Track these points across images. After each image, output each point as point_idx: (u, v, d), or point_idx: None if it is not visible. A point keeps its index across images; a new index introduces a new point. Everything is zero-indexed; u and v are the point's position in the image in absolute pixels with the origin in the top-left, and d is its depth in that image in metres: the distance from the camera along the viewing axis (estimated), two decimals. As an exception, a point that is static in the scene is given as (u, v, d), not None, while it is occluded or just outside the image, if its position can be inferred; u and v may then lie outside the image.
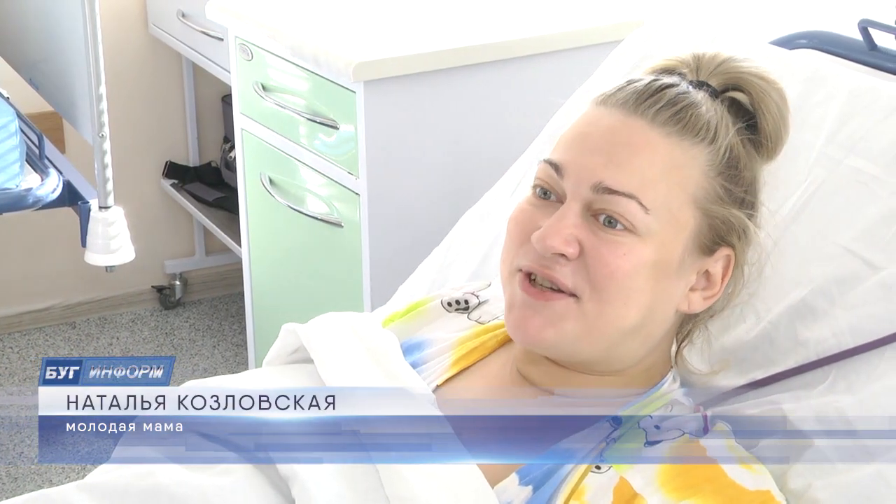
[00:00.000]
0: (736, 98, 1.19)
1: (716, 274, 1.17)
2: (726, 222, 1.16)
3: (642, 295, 1.13)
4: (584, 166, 1.13)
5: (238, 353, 3.19)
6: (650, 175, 1.12)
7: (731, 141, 1.16)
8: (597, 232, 1.12)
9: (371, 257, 2.24)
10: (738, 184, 1.17)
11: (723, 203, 1.15)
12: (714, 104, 1.17)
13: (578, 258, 1.12)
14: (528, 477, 1.11)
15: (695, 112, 1.15)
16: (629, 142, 1.13)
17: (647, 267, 1.12)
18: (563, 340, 1.14)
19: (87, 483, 1.11)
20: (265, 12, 2.43)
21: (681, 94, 1.16)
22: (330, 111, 2.25)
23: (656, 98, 1.15)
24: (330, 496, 1.08)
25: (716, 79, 1.19)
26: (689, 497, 1.06)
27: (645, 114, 1.14)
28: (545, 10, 2.42)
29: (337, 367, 1.21)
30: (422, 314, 1.36)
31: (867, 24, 1.60)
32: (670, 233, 1.13)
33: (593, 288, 1.12)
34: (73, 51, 2.28)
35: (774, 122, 1.19)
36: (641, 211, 1.12)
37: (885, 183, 1.29)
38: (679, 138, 1.14)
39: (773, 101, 1.19)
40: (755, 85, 1.19)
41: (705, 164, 1.15)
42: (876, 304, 1.23)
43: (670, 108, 1.14)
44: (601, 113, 1.16)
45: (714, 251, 1.16)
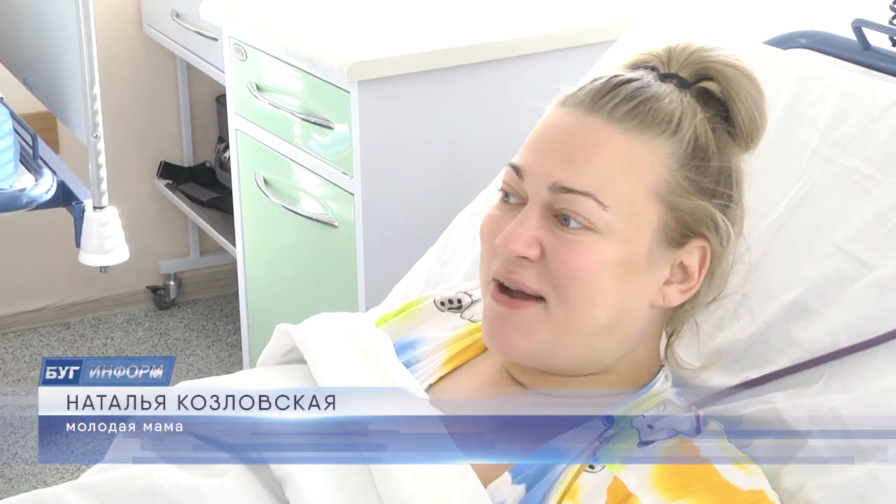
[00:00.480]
0: (706, 87, 1.18)
1: (692, 266, 1.16)
2: (693, 214, 1.15)
3: (608, 293, 1.13)
4: (541, 167, 1.14)
5: (233, 353, 3.19)
6: (607, 172, 1.12)
7: (698, 131, 1.15)
8: (557, 233, 1.12)
9: (365, 257, 2.24)
10: (706, 174, 1.15)
11: (688, 195, 1.14)
12: (681, 95, 1.16)
13: (541, 260, 1.13)
14: (521, 476, 1.11)
15: (654, 105, 1.14)
16: (585, 140, 1.13)
17: (610, 264, 1.12)
18: (537, 349, 1.14)
19: (80, 483, 1.11)
20: (259, 12, 2.43)
21: (640, 89, 1.15)
22: (324, 111, 2.25)
23: (613, 94, 1.14)
24: (323, 497, 1.08)
25: (686, 69, 1.18)
26: (682, 497, 1.06)
27: (601, 111, 1.14)
28: (539, 9, 2.42)
29: (330, 367, 1.21)
30: (414, 314, 1.36)
31: (861, 24, 1.60)
32: (633, 229, 1.13)
33: (558, 290, 1.12)
34: (67, 51, 2.28)
35: (747, 111, 1.18)
36: (599, 208, 1.11)
37: (878, 182, 1.29)
38: (638, 133, 1.13)
39: (745, 88, 1.18)
40: (725, 73, 1.18)
41: (667, 157, 1.14)
42: (870, 303, 1.23)
43: (627, 104, 1.14)
44: (561, 113, 1.17)
45: (684, 243, 1.15)
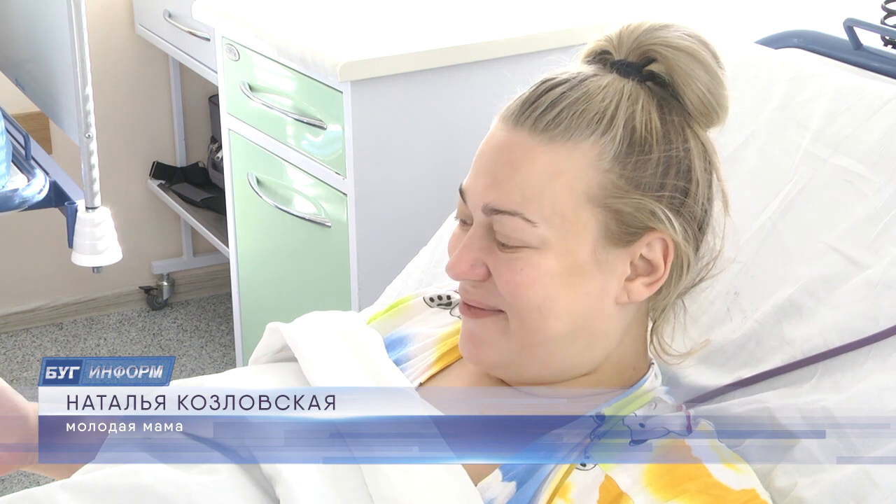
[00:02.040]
0: (653, 70, 1.14)
1: (655, 259, 1.14)
2: (636, 211, 1.12)
3: (557, 303, 1.12)
4: (475, 190, 1.14)
5: (226, 353, 3.19)
6: (532, 187, 1.11)
7: (635, 122, 1.11)
8: (497, 253, 1.13)
9: (358, 257, 2.24)
10: (646, 167, 1.12)
11: (625, 193, 1.11)
12: (622, 83, 1.13)
13: (489, 279, 1.13)
14: (512, 473, 1.11)
15: (581, 108, 1.11)
16: (510, 158, 1.12)
17: (552, 276, 1.11)
18: (504, 357, 1.15)
19: (71, 482, 1.11)
20: (252, 12, 2.43)
21: (565, 93, 1.12)
22: (317, 111, 2.25)
23: (537, 105, 1.12)
24: (314, 495, 1.08)
25: (633, 53, 1.15)
26: (675, 497, 1.06)
27: (525, 124, 1.12)
28: (532, 9, 2.42)
29: (321, 364, 1.21)
30: (404, 310, 1.36)
31: (852, 24, 1.60)
32: (569, 238, 1.11)
33: (507, 306, 1.13)
34: (60, 51, 2.28)
35: (695, 92, 1.13)
36: (528, 225, 1.11)
37: (870, 182, 1.30)
38: (563, 140, 1.11)
39: (690, 69, 1.13)
40: (667, 55, 1.13)
41: (597, 159, 1.11)
42: (862, 302, 1.23)
43: (550, 112, 1.12)
44: (495, 129, 1.16)
45: (634, 241, 1.13)
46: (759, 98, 1.43)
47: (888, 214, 1.26)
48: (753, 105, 1.43)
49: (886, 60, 1.59)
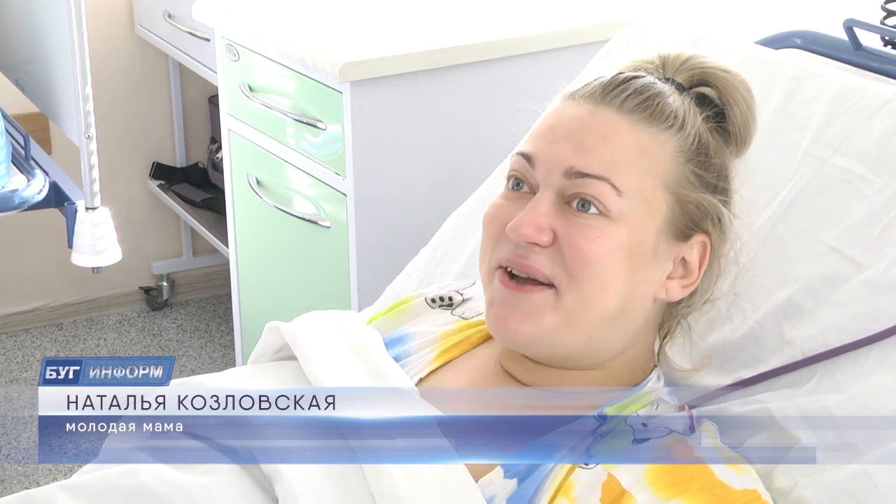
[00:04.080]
0: (703, 92, 1.21)
1: (692, 262, 1.18)
2: (699, 207, 1.17)
3: (618, 280, 1.13)
4: (554, 154, 1.15)
5: (226, 353, 3.19)
6: (620, 159, 1.14)
7: (700, 129, 1.18)
8: (570, 218, 1.13)
9: (358, 257, 2.24)
10: (709, 170, 1.18)
11: (694, 188, 1.16)
12: (681, 97, 1.19)
13: (553, 246, 1.13)
14: (514, 470, 1.11)
15: (662, 101, 1.17)
16: (597, 129, 1.15)
17: (621, 250, 1.13)
18: (543, 334, 1.14)
19: (70, 483, 1.11)
20: (251, 13, 2.43)
21: (648, 85, 1.18)
22: (316, 111, 2.25)
23: (623, 87, 1.17)
24: (313, 494, 1.08)
25: (682, 75, 1.21)
26: (677, 496, 1.06)
27: (612, 102, 1.16)
28: (531, 10, 2.42)
29: (320, 362, 1.21)
30: (405, 310, 1.36)
31: (852, 24, 1.60)
32: (643, 216, 1.14)
33: (570, 275, 1.13)
34: (60, 51, 2.28)
35: (742, 114, 1.21)
36: (614, 193, 1.13)
37: (870, 182, 1.30)
38: (647, 125, 1.15)
39: (740, 93, 1.21)
40: (721, 78, 1.21)
41: (675, 151, 1.16)
42: (862, 302, 1.23)
43: (637, 97, 1.16)
44: (569, 105, 1.19)
45: (689, 237, 1.17)
46: (758, 98, 1.42)
47: (888, 215, 1.26)
48: (753, 105, 1.43)
49: (886, 61, 1.59)
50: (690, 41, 1.54)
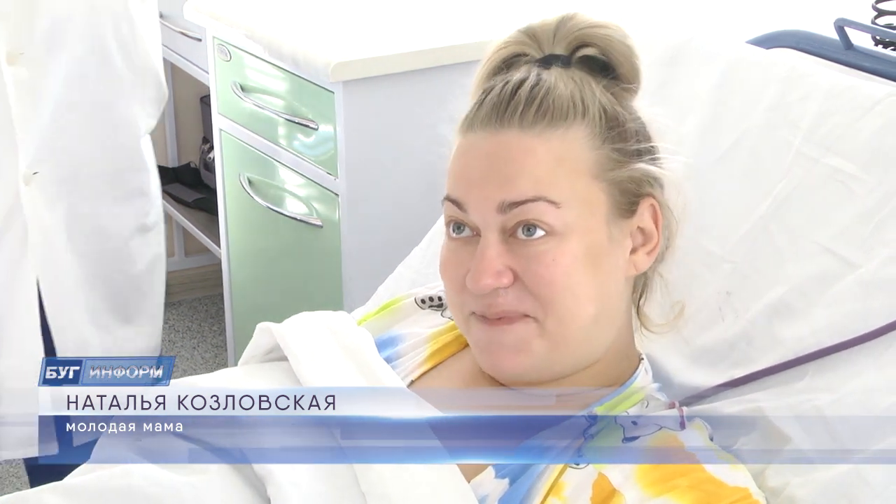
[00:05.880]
0: (586, 54, 1.19)
1: (648, 227, 1.18)
2: (633, 180, 1.16)
3: (587, 287, 1.13)
4: (481, 196, 1.14)
5: (218, 354, 3.19)
6: (543, 175, 1.12)
7: (601, 103, 1.16)
8: (520, 251, 1.12)
9: (350, 257, 2.24)
10: (627, 139, 1.16)
11: (620, 164, 1.15)
12: (569, 73, 1.17)
13: (517, 282, 1.13)
14: (505, 470, 1.11)
15: (554, 96, 1.15)
16: (510, 156, 1.13)
17: (579, 259, 1.13)
18: (537, 361, 1.15)
19: (62, 485, 1.11)
20: (243, 13, 2.42)
21: (535, 88, 1.15)
22: (309, 111, 2.25)
23: (514, 103, 1.15)
24: (304, 494, 1.08)
25: (559, 46, 1.20)
26: (666, 492, 1.06)
27: (511, 122, 1.14)
28: (523, 9, 2.42)
29: (312, 363, 1.21)
30: (395, 311, 1.36)
31: (843, 24, 1.60)
32: (587, 215, 1.13)
33: (542, 303, 1.12)
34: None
35: (629, 62, 1.19)
36: (552, 208, 1.12)
37: (862, 181, 1.30)
38: (552, 129, 1.14)
39: (619, 41, 1.19)
40: (597, 35, 1.19)
41: (587, 139, 1.14)
42: (853, 301, 1.23)
43: (531, 106, 1.14)
44: (472, 140, 1.17)
45: (636, 209, 1.17)
46: (750, 98, 1.44)
47: (879, 214, 1.26)
48: (745, 105, 1.43)
49: (877, 60, 1.59)
50: (681, 42, 1.55)
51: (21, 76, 1.96)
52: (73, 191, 2.06)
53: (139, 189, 2.17)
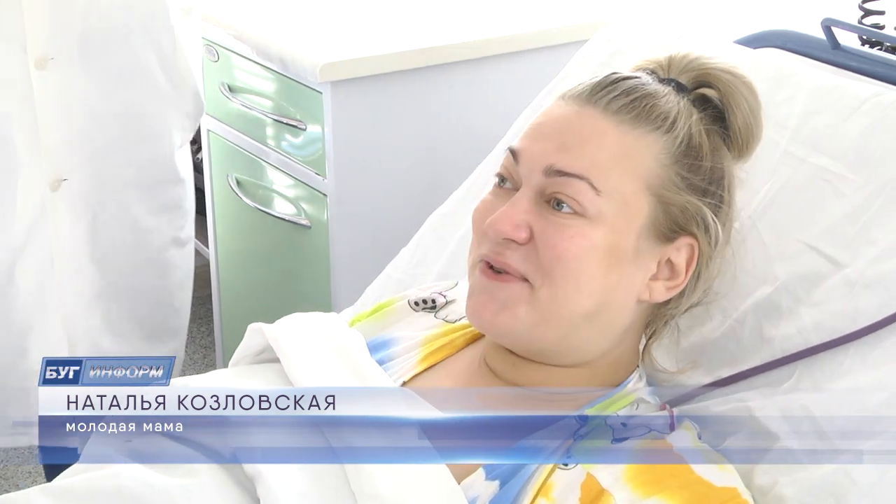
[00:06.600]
0: (705, 94, 1.21)
1: (679, 264, 1.18)
2: (683, 210, 1.16)
3: (593, 279, 1.14)
4: (537, 152, 1.16)
5: (206, 354, 3.18)
6: (601, 159, 1.14)
7: (692, 130, 1.17)
8: (547, 216, 1.14)
9: (339, 258, 2.24)
10: (698, 173, 1.17)
11: (679, 191, 1.16)
12: (678, 97, 1.19)
13: (529, 244, 1.14)
14: (496, 472, 1.11)
15: (651, 102, 1.17)
16: (580, 129, 1.15)
17: (597, 251, 1.13)
18: (518, 326, 1.15)
19: (51, 486, 1.11)
20: (231, 13, 2.42)
21: (638, 86, 1.18)
22: (297, 112, 2.25)
23: (610, 89, 1.17)
24: (294, 495, 1.08)
25: (685, 76, 1.21)
26: (655, 493, 1.06)
27: (598, 103, 1.17)
28: (512, 10, 2.42)
29: (304, 364, 1.21)
30: (389, 313, 1.36)
31: (830, 23, 1.61)
32: (622, 218, 1.14)
33: (543, 272, 1.13)
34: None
35: (744, 118, 1.21)
36: (592, 192, 1.13)
37: (849, 181, 1.30)
38: (632, 126, 1.15)
39: (743, 95, 1.21)
40: (723, 80, 1.21)
41: (660, 152, 1.16)
42: (840, 301, 1.24)
43: (624, 98, 1.16)
44: (559, 104, 1.19)
45: (673, 239, 1.17)
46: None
47: (866, 213, 1.27)
48: (732, 105, 1.44)
49: (864, 60, 1.60)
50: (669, 41, 1.55)
51: (50, 81, 1.94)
52: (101, 200, 2.04)
53: (173, 202, 2.15)
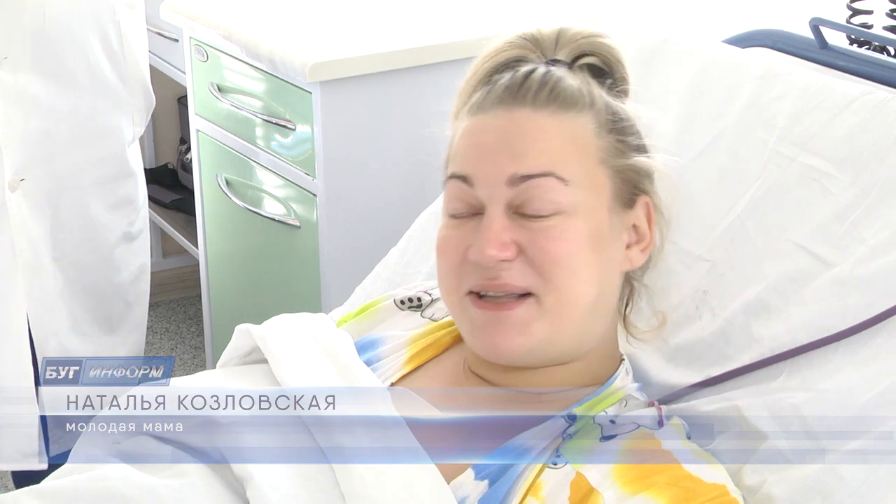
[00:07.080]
0: (588, 63, 1.23)
1: (642, 224, 1.21)
2: (634, 171, 1.19)
3: (589, 268, 1.15)
4: (491, 168, 1.15)
5: (196, 355, 3.18)
6: (555, 151, 1.15)
7: (605, 99, 1.20)
8: (527, 225, 1.13)
9: (328, 258, 2.24)
10: (628, 134, 1.20)
11: (623, 155, 1.19)
12: (573, 74, 1.21)
13: (519, 258, 1.13)
14: (485, 471, 1.11)
15: (565, 85, 1.18)
16: (523, 131, 1.16)
17: (584, 240, 1.14)
18: (536, 343, 1.15)
19: (39, 488, 1.11)
20: (220, 13, 2.42)
21: (546, 74, 1.19)
22: (286, 112, 2.25)
23: (527, 85, 1.18)
24: (284, 496, 1.08)
25: (561, 53, 1.23)
26: (643, 490, 1.06)
27: (524, 102, 1.17)
28: (501, 9, 2.42)
29: (291, 365, 1.20)
30: (375, 313, 1.36)
31: (818, 23, 1.61)
32: (593, 200, 1.15)
33: (544, 279, 1.13)
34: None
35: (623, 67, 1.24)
36: (561, 184, 1.14)
37: (837, 180, 1.30)
38: (563, 112, 1.17)
39: (615, 49, 1.24)
40: (597, 44, 1.23)
41: (595, 127, 1.18)
42: (829, 300, 1.24)
43: (545, 90, 1.17)
44: (480, 120, 1.18)
45: (634, 203, 1.19)
46: (726, 97, 1.44)
47: (854, 212, 1.27)
48: (721, 104, 1.44)
49: (852, 59, 1.60)
50: (657, 41, 1.55)
51: (4, 81, 1.95)
52: (60, 198, 2.05)
53: (126, 197, 2.15)
